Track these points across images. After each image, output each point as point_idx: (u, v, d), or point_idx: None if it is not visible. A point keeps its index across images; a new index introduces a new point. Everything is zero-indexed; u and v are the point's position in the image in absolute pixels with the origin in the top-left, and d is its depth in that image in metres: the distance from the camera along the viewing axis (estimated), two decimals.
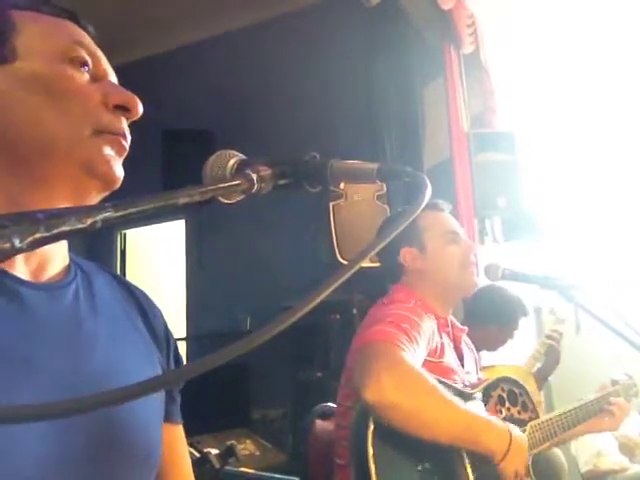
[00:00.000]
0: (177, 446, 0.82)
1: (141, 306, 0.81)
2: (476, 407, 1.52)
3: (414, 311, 1.53)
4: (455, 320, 1.75)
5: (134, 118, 0.73)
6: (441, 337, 1.61)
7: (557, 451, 2.57)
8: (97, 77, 0.72)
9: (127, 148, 0.72)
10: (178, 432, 0.83)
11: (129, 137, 0.72)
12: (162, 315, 0.85)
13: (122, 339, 0.74)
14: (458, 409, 1.37)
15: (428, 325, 1.54)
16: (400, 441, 1.35)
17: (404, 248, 1.69)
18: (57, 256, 0.72)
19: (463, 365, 1.67)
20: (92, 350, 0.69)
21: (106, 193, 0.72)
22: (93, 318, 0.71)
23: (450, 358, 1.61)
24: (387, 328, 1.41)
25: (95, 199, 0.71)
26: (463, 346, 1.73)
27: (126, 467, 0.69)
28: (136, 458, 0.70)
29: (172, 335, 0.85)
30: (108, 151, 0.69)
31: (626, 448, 3.35)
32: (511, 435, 1.39)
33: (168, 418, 0.79)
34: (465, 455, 1.42)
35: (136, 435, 0.70)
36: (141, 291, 0.84)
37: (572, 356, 3.69)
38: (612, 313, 1.31)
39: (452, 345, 1.67)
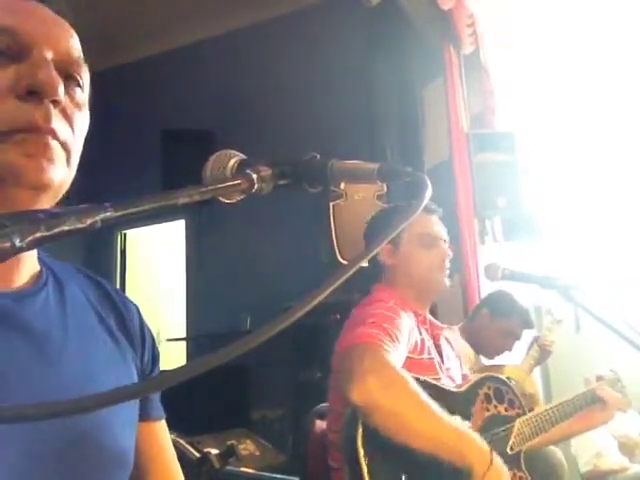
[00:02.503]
0: (157, 442, 0.81)
1: (115, 305, 0.79)
2: (461, 406, 1.54)
3: (394, 310, 1.55)
4: (432, 318, 1.78)
5: (53, 98, 0.59)
6: (421, 333, 1.65)
7: (556, 450, 2.58)
8: (22, 56, 0.60)
9: (51, 145, 0.60)
10: (157, 428, 0.82)
11: (58, 127, 0.60)
12: (138, 310, 0.82)
13: (94, 345, 0.72)
14: (440, 418, 1.36)
15: (407, 323, 1.57)
16: (390, 442, 1.35)
17: None
18: (25, 264, 0.68)
19: (443, 361, 1.69)
20: (61, 358, 0.66)
21: (47, 197, 0.61)
22: (63, 326, 0.69)
23: (431, 354, 1.64)
24: (369, 329, 1.44)
25: (37, 205, 0.61)
26: (443, 342, 1.76)
27: (97, 471, 0.68)
28: (107, 462, 0.69)
29: (149, 330, 0.83)
30: (19, 154, 0.58)
31: (626, 448, 3.34)
32: (492, 458, 1.36)
33: (144, 417, 0.78)
34: None
35: (107, 439, 0.68)
36: (115, 289, 0.82)
37: (572, 355, 3.69)
38: (612, 313, 1.31)
39: (432, 341, 1.70)
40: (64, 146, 0.62)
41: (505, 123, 3.84)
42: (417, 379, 1.41)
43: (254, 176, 0.53)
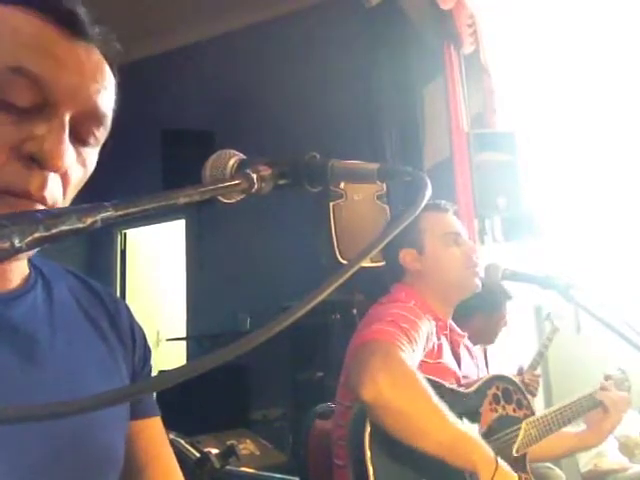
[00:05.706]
0: (153, 438, 0.81)
1: (105, 305, 0.79)
2: (470, 407, 1.52)
3: (413, 311, 1.52)
4: (454, 325, 1.75)
5: (53, 171, 0.58)
6: (439, 339, 1.61)
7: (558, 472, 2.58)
8: (43, 111, 0.58)
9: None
10: (153, 424, 0.82)
11: (51, 193, 0.58)
12: (128, 310, 0.82)
13: (81, 345, 0.72)
14: (449, 422, 1.33)
15: (426, 326, 1.53)
16: (398, 443, 1.33)
17: (403, 249, 1.69)
18: (15, 267, 0.68)
19: (460, 368, 1.66)
20: (47, 359, 0.66)
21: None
22: (50, 326, 0.69)
23: (448, 360, 1.61)
24: (386, 327, 1.41)
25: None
26: (462, 351, 1.73)
27: (90, 471, 0.68)
28: (100, 462, 0.69)
29: (139, 328, 0.83)
30: None
31: (626, 448, 3.34)
32: (497, 463, 1.34)
33: (139, 414, 0.79)
34: None
35: (100, 440, 0.69)
36: (105, 289, 0.82)
37: (572, 356, 3.69)
38: (612, 313, 1.31)
39: (450, 348, 1.67)
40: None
41: (505, 123, 3.84)
42: (426, 379, 1.37)
43: (254, 176, 0.53)
